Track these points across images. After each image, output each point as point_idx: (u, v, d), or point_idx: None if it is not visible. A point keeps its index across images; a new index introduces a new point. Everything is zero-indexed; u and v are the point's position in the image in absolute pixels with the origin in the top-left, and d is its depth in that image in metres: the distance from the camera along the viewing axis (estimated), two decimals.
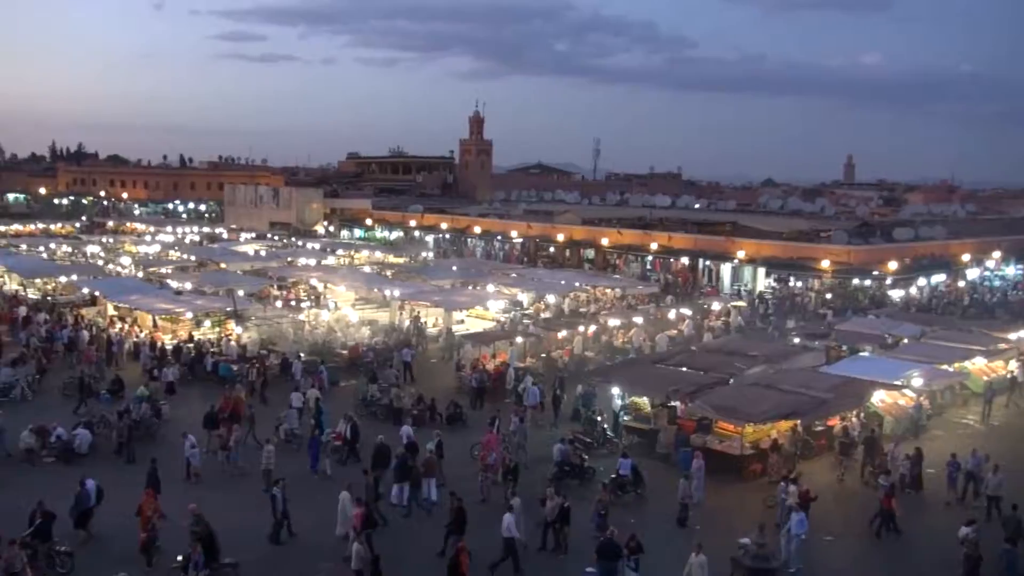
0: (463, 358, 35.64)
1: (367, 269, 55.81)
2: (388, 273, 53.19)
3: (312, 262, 57.79)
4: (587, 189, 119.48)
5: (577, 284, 50.35)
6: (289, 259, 58.78)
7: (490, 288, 46.92)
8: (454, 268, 55.76)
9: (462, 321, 42.54)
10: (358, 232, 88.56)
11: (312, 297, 47.92)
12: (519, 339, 36.95)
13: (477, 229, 78.74)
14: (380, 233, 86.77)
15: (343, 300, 47.08)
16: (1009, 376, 34.66)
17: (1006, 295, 57.38)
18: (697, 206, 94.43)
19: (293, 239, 75.97)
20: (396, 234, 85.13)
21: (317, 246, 68.22)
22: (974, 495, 22.97)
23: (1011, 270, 67.00)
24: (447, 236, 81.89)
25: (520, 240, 74.74)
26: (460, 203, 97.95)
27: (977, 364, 34.02)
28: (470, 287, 47.83)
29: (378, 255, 64.83)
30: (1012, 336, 37.58)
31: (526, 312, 45.11)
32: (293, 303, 45.88)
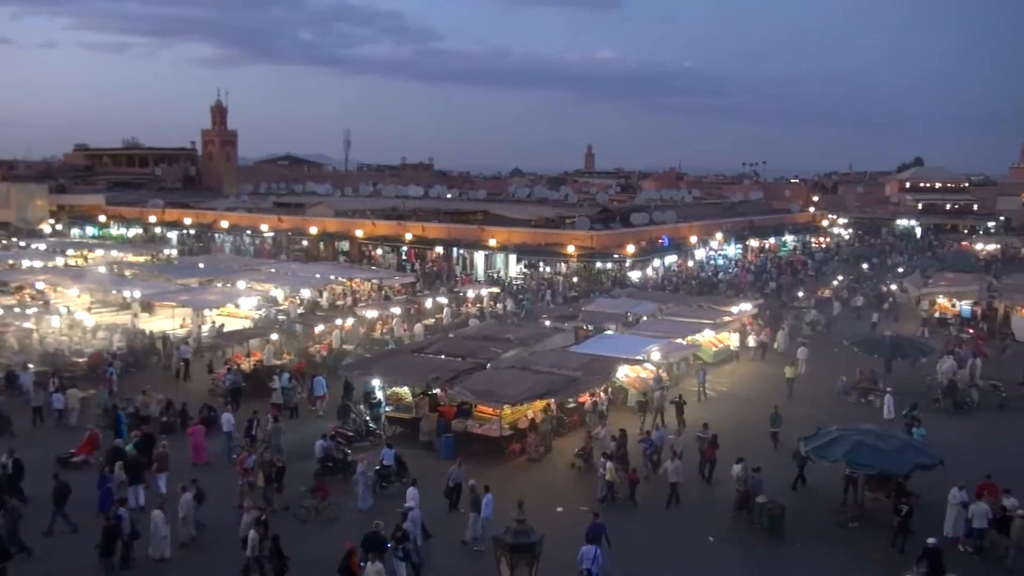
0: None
1: (102, 270, 51.82)
2: (128, 273, 49.72)
3: (38, 264, 52.86)
4: (339, 180, 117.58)
5: (333, 277, 49.69)
6: (11, 261, 53.61)
7: (241, 285, 45.18)
8: (201, 265, 53.21)
9: (213, 321, 40.64)
10: (91, 230, 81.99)
11: (40, 302, 43.79)
12: (274, 336, 35.92)
13: (224, 224, 75.41)
14: (116, 231, 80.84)
15: (77, 304, 43.49)
16: (732, 348, 38.65)
17: (716, 274, 63.06)
18: (449, 196, 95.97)
19: (14, 239, 69.29)
20: (134, 231, 79.70)
21: (43, 246, 62.51)
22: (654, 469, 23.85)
23: (731, 249, 73.87)
24: (192, 232, 77.93)
25: (271, 234, 72.47)
26: (205, 197, 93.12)
27: (707, 336, 37.31)
28: (219, 284, 45.81)
29: (115, 254, 60.36)
30: (734, 309, 41.53)
31: (280, 308, 43.94)
32: (17, 310, 41.65)
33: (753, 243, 78.27)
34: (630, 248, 58.80)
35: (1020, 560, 18.61)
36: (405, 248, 65.49)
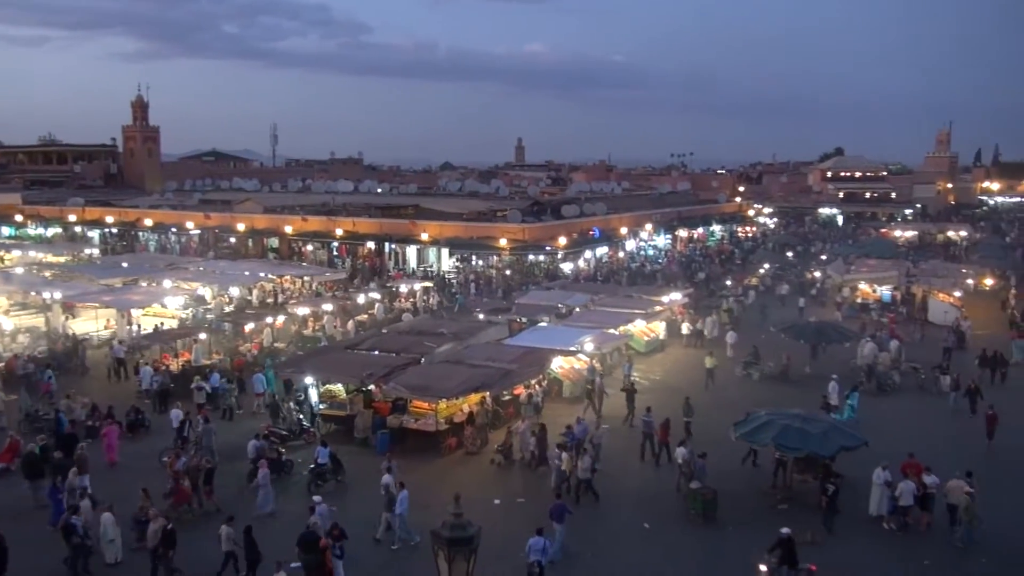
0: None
1: (20, 271, 50.08)
2: (47, 274, 48.16)
3: None
4: (267, 176, 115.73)
5: (262, 274, 48.93)
6: None
7: (167, 284, 44.19)
8: (124, 265, 51.84)
9: (137, 326, 39.62)
10: (7, 230, 79.16)
11: None
12: (203, 335, 35.23)
13: (148, 222, 73.61)
14: (34, 230, 78.17)
15: None
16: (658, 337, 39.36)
17: (643, 265, 63.79)
18: (380, 190, 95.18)
19: None
20: (54, 231, 77.23)
21: None
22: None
23: (661, 240, 74.89)
24: (114, 231, 75.87)
25: (197, 231, 70.97)
26: (128, 194, 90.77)
27: (638, 326, 37.82)
28: (144, 284, 44.73)
29: (33, 254, 58.44)
30: (664, 299, 42.19)
31: (208, 307, 43.13)
32: None
33: (682, 233, 79.47)
34: (562, 240, 59.20)
35: (966, 534, 19.42)
36: (336, 244, 64.82)
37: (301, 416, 27.12)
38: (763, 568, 17.20)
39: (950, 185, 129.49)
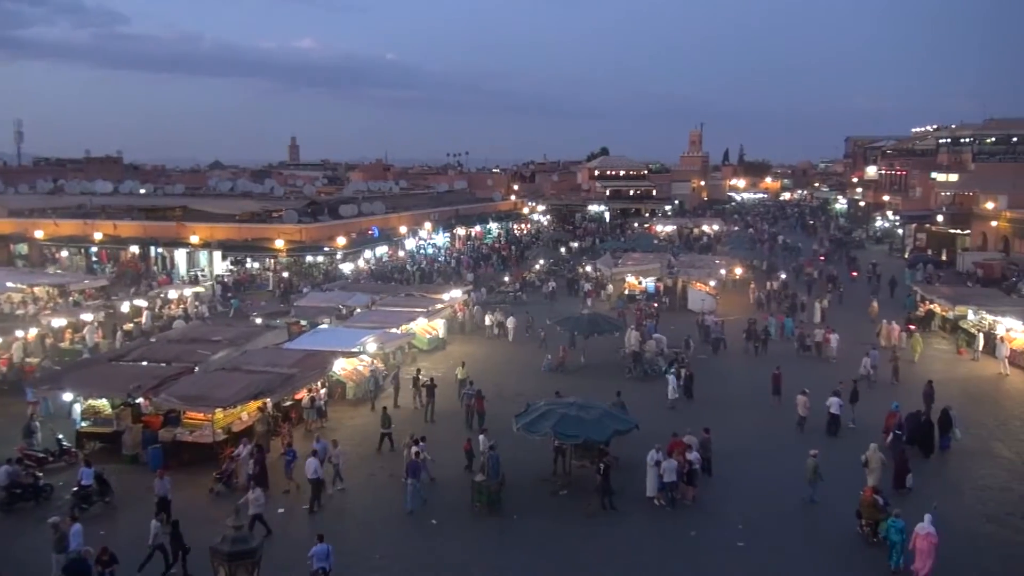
0: None
1: None
2: None
3: None
4: (11, 176, 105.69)
5: (9, 284, 44.85)
6: None
7: None
8: None
9: None
10: None
11: None
12: None
13: None
14: None
15: None
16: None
17: (432, 263, 64.35)
18: (143, 191, 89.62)
19: None
20: None
21: None
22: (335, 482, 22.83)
23: (440, 238, 75.66)
24: None
25: None
26: None
27: (420, 324, 38.07)
28: None
29: None
30: (446, 296, 42.73)
31: None
32: None
33: (460, 231, 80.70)
34: (340, 240, 58.46)
35: (811, 491, 21.59)
36: (95, 249, 60.51)
37: (60, 436, 25.07)
38: None
39: (703, 182, 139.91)
